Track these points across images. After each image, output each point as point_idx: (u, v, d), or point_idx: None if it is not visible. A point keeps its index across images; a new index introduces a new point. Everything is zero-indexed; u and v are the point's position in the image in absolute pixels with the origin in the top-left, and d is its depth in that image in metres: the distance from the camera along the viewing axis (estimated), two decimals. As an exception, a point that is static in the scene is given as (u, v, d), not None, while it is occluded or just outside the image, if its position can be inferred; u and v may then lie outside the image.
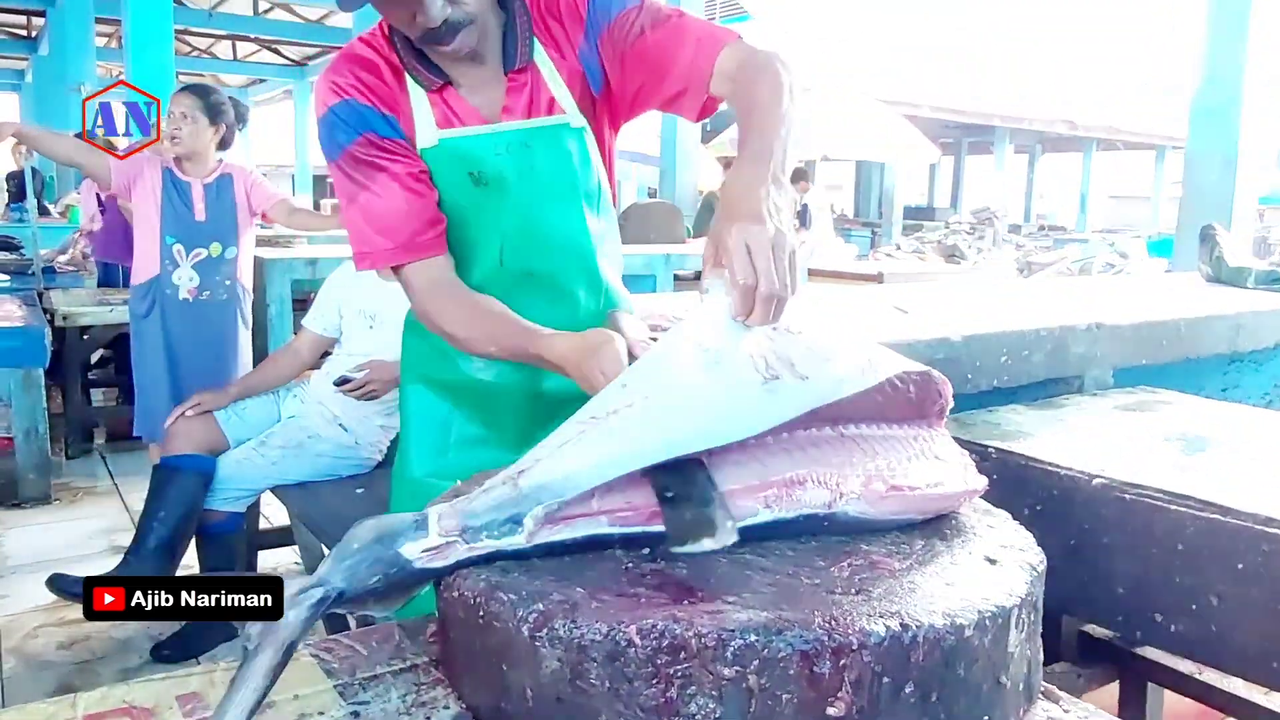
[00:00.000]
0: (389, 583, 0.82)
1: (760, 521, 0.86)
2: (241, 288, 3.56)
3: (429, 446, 1.50)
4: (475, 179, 1.34)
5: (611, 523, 0.84)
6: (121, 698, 0.86)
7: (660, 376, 0.91)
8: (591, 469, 0.84)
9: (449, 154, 1.32)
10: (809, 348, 0.94)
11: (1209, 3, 4.62)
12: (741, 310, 0.91)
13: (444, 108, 1.33)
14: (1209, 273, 3.11)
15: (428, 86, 1.31)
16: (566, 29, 1.36)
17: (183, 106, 3.36)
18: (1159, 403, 1.98)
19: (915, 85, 16.35)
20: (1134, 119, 20.58)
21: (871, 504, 0.90)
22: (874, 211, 18.97)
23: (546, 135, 1.36)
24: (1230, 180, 4.49)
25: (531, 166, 1.36)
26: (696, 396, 0.88)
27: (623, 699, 0.70)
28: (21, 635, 2.95)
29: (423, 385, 1.52)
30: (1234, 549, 1.27)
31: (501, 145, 1.34)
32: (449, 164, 1.33)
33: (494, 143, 1.34)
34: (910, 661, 0.70)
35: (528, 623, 0.72)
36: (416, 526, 0.83)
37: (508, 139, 1.34)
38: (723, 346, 0.91)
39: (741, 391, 0.88)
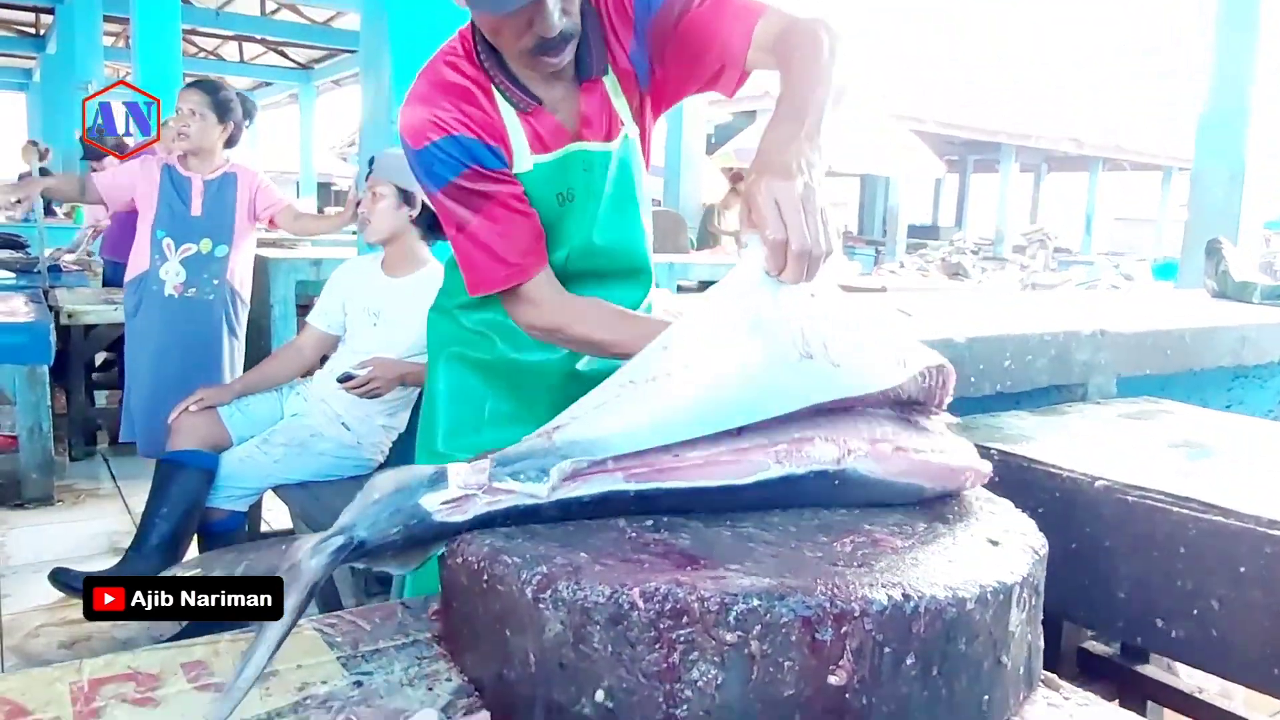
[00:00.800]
0: (408, 535, 0.83)
1: (772, 476, 0.87)
2: (231, 290, 3.47)
3: (462, 422, 1.51)
4: (561, 199, 1.37)
5: (627, 479, 0.84)
6: (126, 664, 0.87)
7: (702, 340, 0.91)
8: (623, 434, 0.85)
9: (541, 177, 1.34)
10: (844, 330, 0.94)
11: (1217, 22, 4.64)
12: (774, 266, 0.90)
13: (533, 129, 1.33)
14: (1214, 288, 3.11)
15: (522, 108, 1.31)
16: (619, 33, 1.35)
17: (191, 103, 3.32)
18: (1162, 412, 1.98)
19: (921, 100, 16.39)
20: (1141, 139, 20.60)
21: (879, 461, 0.90)
22: (878, 229, 18.98)
23: (616, 152, 1.39)
24: (1236, 200, 4.49)
25: (602, 182, 1.39)
26: (736, 365, 0.88)
27: (625, 663, 0.70)
28: (23, 634, 2.94)
29: (456, 363, 1.53)
30: (1236, 552, 1.27)
31: (586, 163, 1.37)
32: (541, 186, 1.35)
33: (580, 161, 1.36)
34: (912, 632, 0.71)
35: (531, 585, 0.72)
36: (435, 479, 0.84)
37: (591, 158, 1.37)
38: (761, 305, 0.91)
39: (779, 364, 0.88)
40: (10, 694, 0.80)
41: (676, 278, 5.78)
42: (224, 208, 3.40)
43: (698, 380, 0.88)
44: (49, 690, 0.82)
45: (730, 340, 0.89)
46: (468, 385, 1.51)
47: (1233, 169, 4.46)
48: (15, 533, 3.78)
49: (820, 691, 0.69)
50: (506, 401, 1.50)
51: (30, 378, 4.03)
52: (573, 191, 1.37)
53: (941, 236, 19.34)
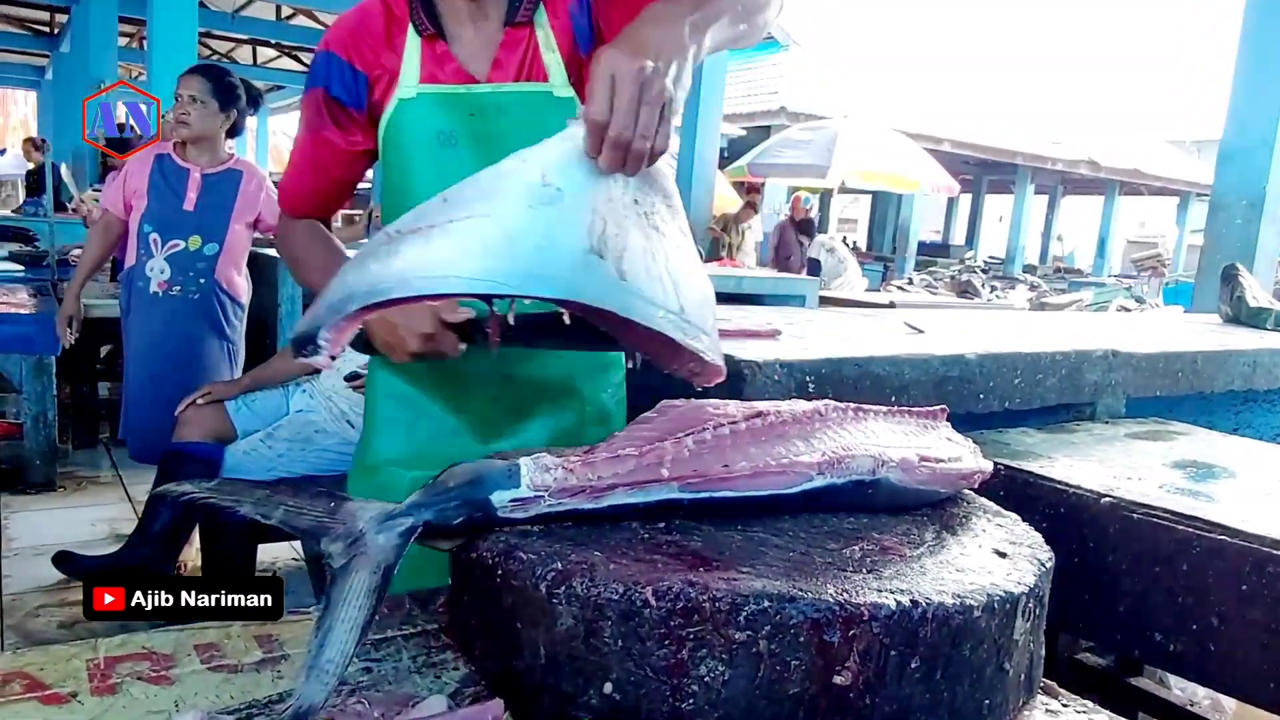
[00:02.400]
0: (468, 523, 0.84)
1: (816, 487, 0.89)
2: (220, 289, 3.31)
3: (396, 433, 1.45)
4: (442, 140, 1.28)
5: (682, 488, 0.85)
6: (141, 644, 0.88)
7: (483, 197, 0.82)
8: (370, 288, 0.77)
9: (423, 109, 1.28)
10: (653, 251, 0.85)
11: (1239, 52, 4.65)
12: (591, 147, 0.82)
13: (433, 61, 1.28)
14: (1229, 313, 3.12)
15: (421, 32, 1.28)
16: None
17: (192, 89, 3.17)
18: (1170, 433, 1.99)
19: (937, 119, 16.40)
20: (1159, 164, 20.58)
21: (907, 471, 0.93)
22: (888, 246, 18.98)
23: (524, 102, 1.29)
24: (1255, 226, 4.48)
25: (502, 134, 1.26)
26: (508, 232, 0.79)
27: (634, 658, 0.71)
28: (23, 614, 2.97)
29: (390, 370, 1.46)
30: (1238, 570, 1.28)
31: (476, 106, 1.28)
32: (422, 120, 1.29)
33: (468, 103, 1.28)
34: (918, 637, 0.72)
35: (545, 580, 0.74)
36: (509, 476, 0.85)
37: (482, 100, 1.28)
38: (566, 182, 0.83)
39: (558, 246, 0.80)
40: (29, 669, 0.82)
41: (687, 287, 5.78)
42: (220, 204, 3.25)
43: (460, 240, 0.78)
44: (66, 666, 0.83)
45: (515, 208, 0.80)
46: (401, 394, 1.45)
47: (1252, 198, 4.46)
48: (18, 516, 3.81)
49: (825, 691, 0.70)
50: (441, 411, 1.44)
51: (37, 367, 4.08)
52: (456, 135, 1.28)
53: (952, 255, 19.32)
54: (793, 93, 14.80)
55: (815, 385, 1.66)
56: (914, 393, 1.80)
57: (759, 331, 1.91)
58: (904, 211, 17.24)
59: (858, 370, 1.72)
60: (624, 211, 0.84)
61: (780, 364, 1.61)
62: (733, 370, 1.59)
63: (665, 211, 0.89)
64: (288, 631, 0.92)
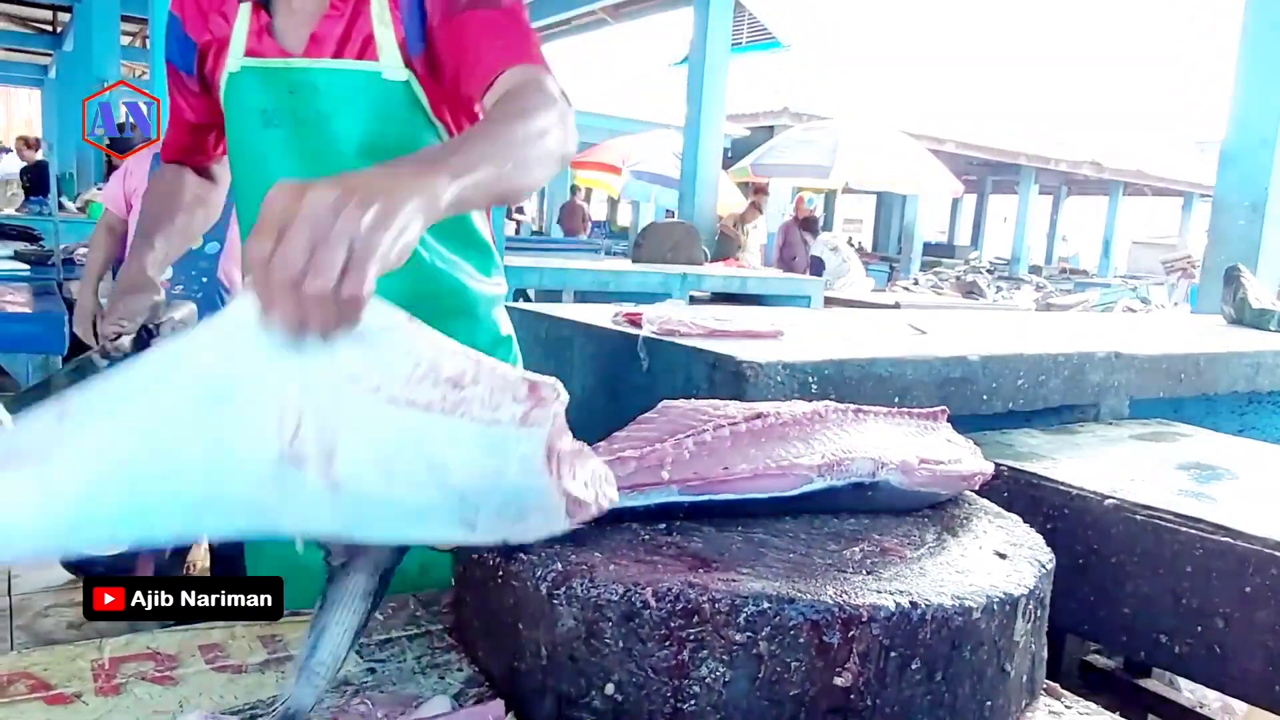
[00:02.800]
0: None
1: (816, 489, 0.89)
2: (223, 288, 3.25)
3: None
4: (265, 119, 1.18)
5: (682, 491, 0.85)
6: (145, 644, 0.88)
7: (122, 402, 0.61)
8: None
9: (246, 85, 1.18)
10: (396, 437, 0.64)
11: (1241, 52, 4.64)
12: (261, 299, 0.61)
13: (257, 31, 1.18)
14: (1231, 314, 3.11)
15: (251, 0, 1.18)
16: None
17: None
18: (1174, 434, 1.99)
19: (941, 119, 16.39)
20: (1163, 164, 20.56)
21: (906, 474, 0.93)
22: (893, 246, 18.97)
23: (345, 82, 1.15)
24: (1258, 229, 4.47)
25: (323, 117, 1.16)
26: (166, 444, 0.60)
27: (635, 659, 0.72)
28: (32, 613, 2.99)
29: None
30: (1242, 572, 1.28)
31: (293, 83, 1.16)
32: (245, 97, 1.19)
33: (286, 80, 1.16)
34: (918, 638, 0.72)
35: (546, 581, 0.74)
36: None
37: (297, 77, 1.15)
38: (235, 371, 0.61)
39: (237, 460, 0.61)
40: (34, 669, 0.82)
41: (689, 289, 5.81)
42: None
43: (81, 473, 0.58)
44: (71, 666, 0.84)
45: (164, 414, 0.60)
46: None
47: (1255, 199, 4.45)
48: (27, 517, 3.83)
49: (825, 691, 0.71)
50: None
51: (43, 367, 4.09)
52: (278, 115, 1.17)
53: (957, 256, 19.31)
54: (796, 92, 14.81)
55: (818, 386, 1.66)
56: (917, 393, 1.80)
57: (762, 332, 1.91)
58: (908, 212, 17.24)
59: (860, 371, 1.72)
60: (334, 394, 0.62)
61: (783, 365, 1.61)
62: (735, 371, 1.60)
63: (414, 377, 0.64)
64: (292, 632, 0.92)
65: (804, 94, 14.94)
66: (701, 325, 1.87)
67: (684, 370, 1.72)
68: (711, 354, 1.65)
